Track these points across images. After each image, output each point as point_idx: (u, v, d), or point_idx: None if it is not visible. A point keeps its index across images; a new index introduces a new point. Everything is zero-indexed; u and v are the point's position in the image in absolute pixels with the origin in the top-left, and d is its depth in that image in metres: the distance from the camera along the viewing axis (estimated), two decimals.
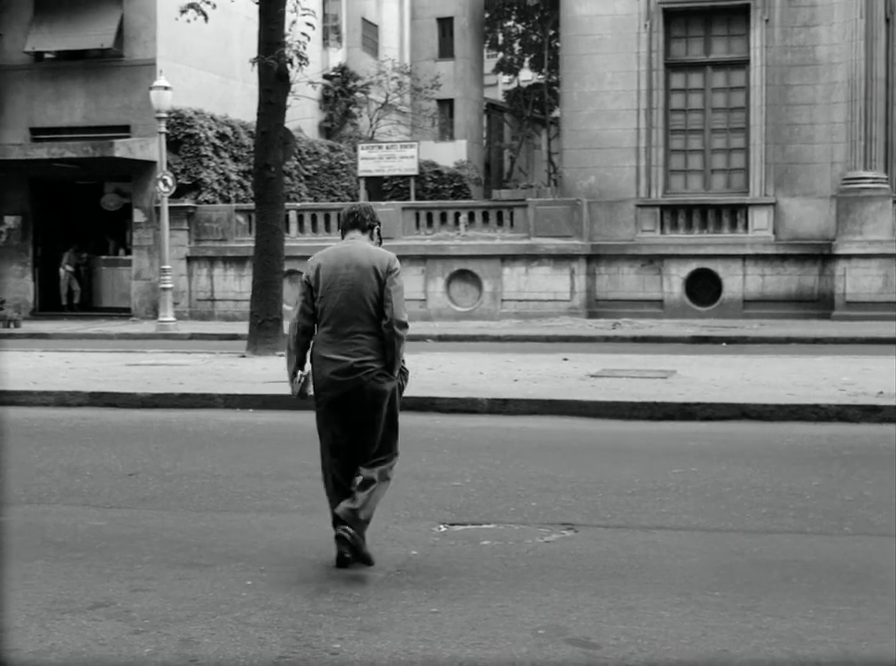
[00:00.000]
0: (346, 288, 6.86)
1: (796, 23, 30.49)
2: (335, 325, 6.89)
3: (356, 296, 6.85)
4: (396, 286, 6.88)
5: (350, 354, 6.84)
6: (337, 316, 6.89)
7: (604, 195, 31.51)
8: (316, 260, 7.02)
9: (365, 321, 6.87)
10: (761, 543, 7.12)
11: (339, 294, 6.87)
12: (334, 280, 6.89)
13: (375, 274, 6.87)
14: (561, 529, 7.52)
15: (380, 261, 6.91)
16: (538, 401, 12.38)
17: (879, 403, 11.71)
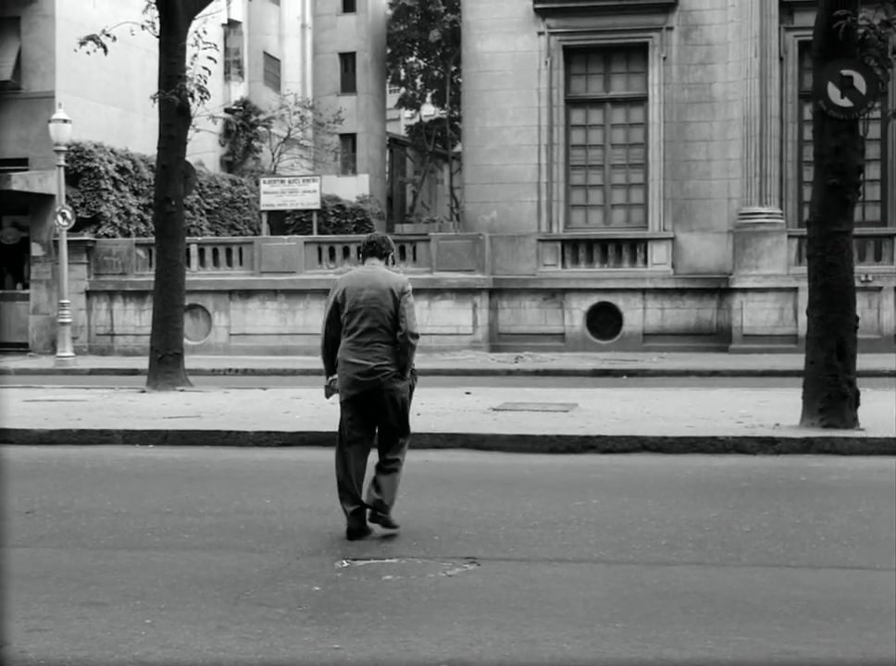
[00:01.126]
0: (368, 305, 8.37)
1: (693, 61, 31.05)
2: (358, 335, 8.40)
3: (376, 312, 8.37)
4: (409, 304, 8.43)
5: (370, 359, 8.37)
6: (360, 328, 8.39)
7: (506, 230, 31.73)
8: (342, 283, 8.55)
9: (382, 332, 8.39)
10: (661, 574, 7.18)
11: (361, 310, 8.38)
12: (357, 299, 8.38)
13: (391, 294, 8.39)
14: (464, 563, 7.52)
15: (395, 283, 8.48)
16: (440, 435, 12.40)
17: (776, 435, 11.90)
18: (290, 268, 31.56)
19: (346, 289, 8.44)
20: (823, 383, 12.38)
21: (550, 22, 31.66)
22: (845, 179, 12.28)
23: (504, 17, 31.88)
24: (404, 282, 8.52)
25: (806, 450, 11.70)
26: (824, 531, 8.21)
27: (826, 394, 12.35)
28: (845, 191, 12.31)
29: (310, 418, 14.09)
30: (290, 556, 7.70)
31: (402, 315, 8.36)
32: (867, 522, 8.49)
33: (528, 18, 31.75)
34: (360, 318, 8.36)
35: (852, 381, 12.44)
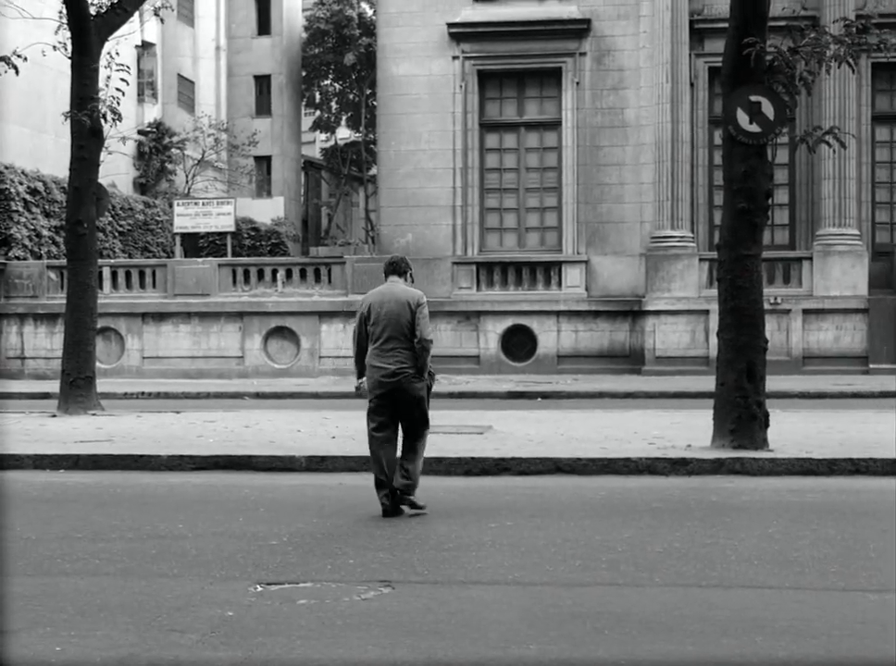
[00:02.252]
0: (388, 317, 9.93)
1: (606, 86, 31.39)
2: (381, 343, 9.94)
3: (396, 323, 9.91)
4: (423, 315, 9.92)
5: (392, 363, 9.88)
6: (383, 337, 9.93)
7: (422, 253, 31.78)
8: (368, 299, 10.12)
9: (402, 340, 9.90)
10: (574, 595, 7.21)
11: (383, 322, 9.94)
12: (380, 312, 9.97)
13: (408, 307, 9.92)
14: (378, 586, 7.50)
15: (412, 298, 9.99)
16: (355, 458, 12.37)
17: (687, 456, 12.03)
18: (203, 291, 31.37)
19: (371, 305, 10.03)
20: (733, 404, 12.54)
21: (464, 47, 31.85)
22: (754, 204, 12.48)
23: (420, 41, 32.01)
24: (419, 296, 10.03)
25: (717, 470, 11.84)
26: (735, 551, 8.31)
27: (736, 415, 12.52)
28: (754, 216, 12.51)
29: (223, 442, 14.00)
30: (203, 581, 7.63)
31: (417, 325, 9.88)
32: (777, 541, 8.61)
33: (442, 42, 31.91)
34: (382, 328, 9.91)
35: (761, 402, 12.61)
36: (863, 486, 11.15)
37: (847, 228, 30.07)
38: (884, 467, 11.68)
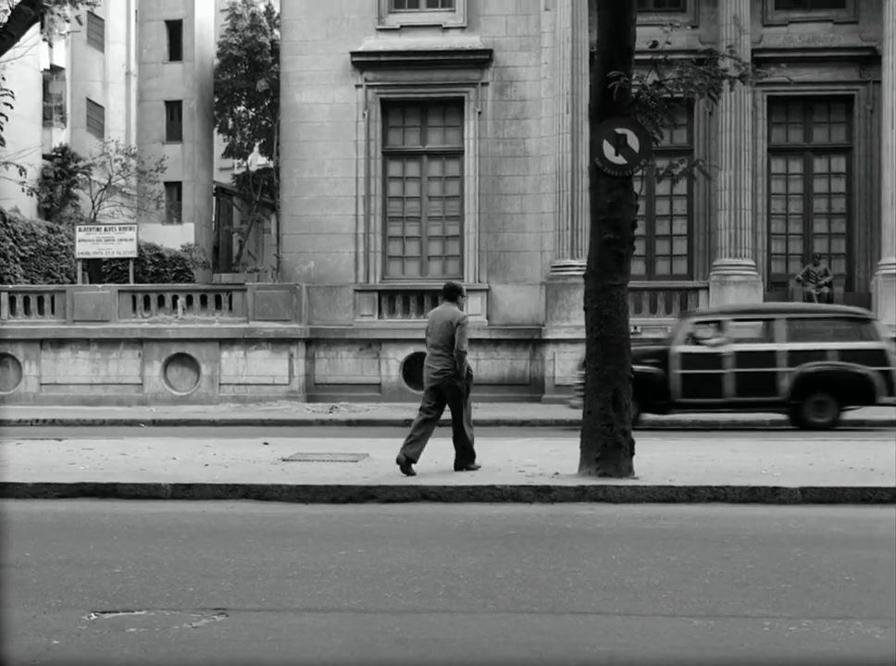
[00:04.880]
0: (437, 332, 13.27)
1: (508, 116, 31.66)
2: (432, 350, 13.32)
3: (442, 336, 13.21)
4: (461, 332, 13.12)
5: (437, 366, 13.30)
6: (433, 345, 13.31)
7: (324, 280, 31.81)
8: (430, 316, 13.62)
9: (445, 349, 13.21)
10: (405, 622, 7.26)
11: (434, 335, 13.30)
12: (433, 328, 13.36)
13: (450, 324, 13.18)
14: (212, 614, 7.50)
15: (454, 317, 13.21)
16: (222, 486, 12.35)
17: (551, 484, 12.14)
18: (103, 317, 31.14)
19: (429, 322, 13.48)
20: (599, 433, 12.68)
21: (367, 75, 32.00)
22: (620, 234, 12.66)
23: (323, 69, 32.11)
24: (461, 316, 13.23)
25: (580, 498, 11.96)
26: (574, 577, 8.40)
27: (601, 443, 12.65)
28: (620, 246, 12.69)
29: (94, 469, 13.89)
30: (36, 610, 7.58)
31: (456, 338, 13.05)
32: (618, 568, 8.71)
33: (346, 70, 32.04)
34: (433, 340, 13.27)
35: (626, 431, 12.76)
36: (718, 513, 11.32)
37: (742, 259, 30.53)
38: (741, 495, 11.86)
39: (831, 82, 31.85)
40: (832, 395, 22.51)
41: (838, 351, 22.59)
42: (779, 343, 22.71)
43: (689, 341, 23.03)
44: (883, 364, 22.49)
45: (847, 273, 32.02)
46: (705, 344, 22.78)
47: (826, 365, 22.50)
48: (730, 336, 22.90)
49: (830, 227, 32.28)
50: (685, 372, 22.68)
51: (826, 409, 22.45)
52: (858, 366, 22.19)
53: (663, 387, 22.68)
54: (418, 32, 32.06)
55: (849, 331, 23.10)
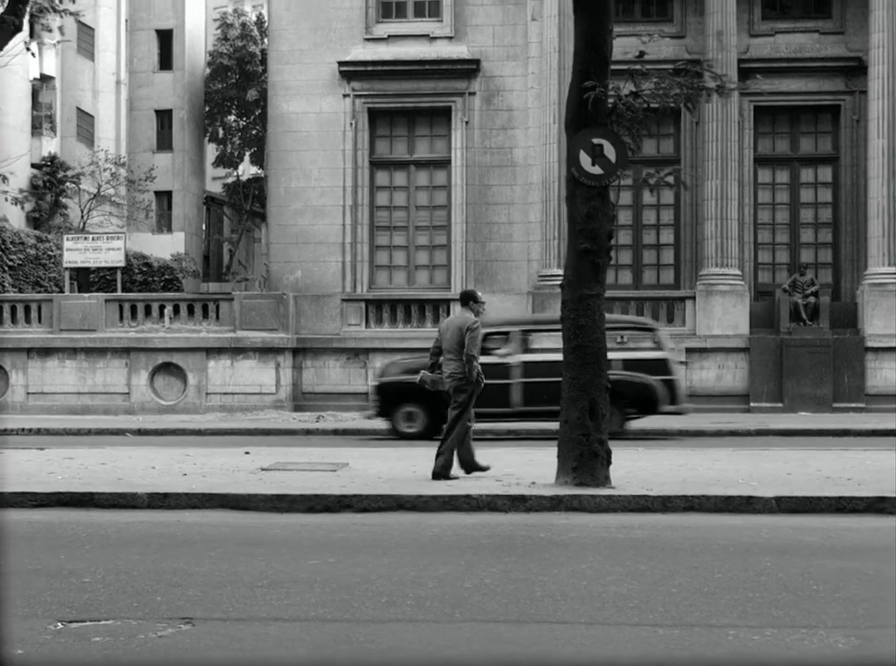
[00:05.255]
0: (450, 336, 13.81)
1: (495, 126, 31.72)
2: (446, 354, 13.84)
3: (453, 341, 13.76)
4: (470, 337, 13.58)
5: (448, 368, 13.82)
6: (445, 350, 13.85)
7: (311, 289, 31.83)
8: (442, 323, 14.39)
9: (456, 353, 13.75)
10: (372, 632, 7.26)
11: (446, 339, 13.83)
12: (446, 332, 13.91)
13: (461, 330, 13.70)
14: (178, 623, 7.50)
15: (464, 323, 13.76)
16: (198, 495, 12.35)
17: (527, 493, 12.15)
18: (90, 326, 31.13)
19: (441, 327, 14.14)
20: (575, 442, 12.69)
21: (355, 85, 32.05)
22: (596, 244, 12.68)
23: (310, 78, 32.16)
24: (471, 322, 13.74)
25: (555, 507, 11.97)
26: (542, 587, 8.41)
27: (578, 453, 12.66)
28: (596, 256, 12.71)
29: (72, 479, 13.89)
30: (2, 619, 7.57)
31: (465, 344, 13.59)
32: (587, 578, 8.72)
33: (333, 80, 32.09)
34: (446, 344, 13.83)
35: (603, 440, 12.77)
36: (693, 522, 11.34)
37: (729, 269, 30.59)
38: (716, 504, 11.88)
39: (817, 92, 31.96)
40: (615, 404, 22.72)
41: (622, 360, 22.89)
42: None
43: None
44: (666, 374, 23.00)
45: (833, 283, 32.10)
46: (494, 354, 22.95)
47: (611, 375, 22.69)
48: (519, 346, 23.25)
49: (817, 236, 32.37)
50: None
51: (610, 417, 22.58)
52: (641, 375, 22.52)
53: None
54: (406, 42, 32.13)
55: (634, 340, 23.65)
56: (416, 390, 22.76)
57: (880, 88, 30.34)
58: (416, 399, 22.69)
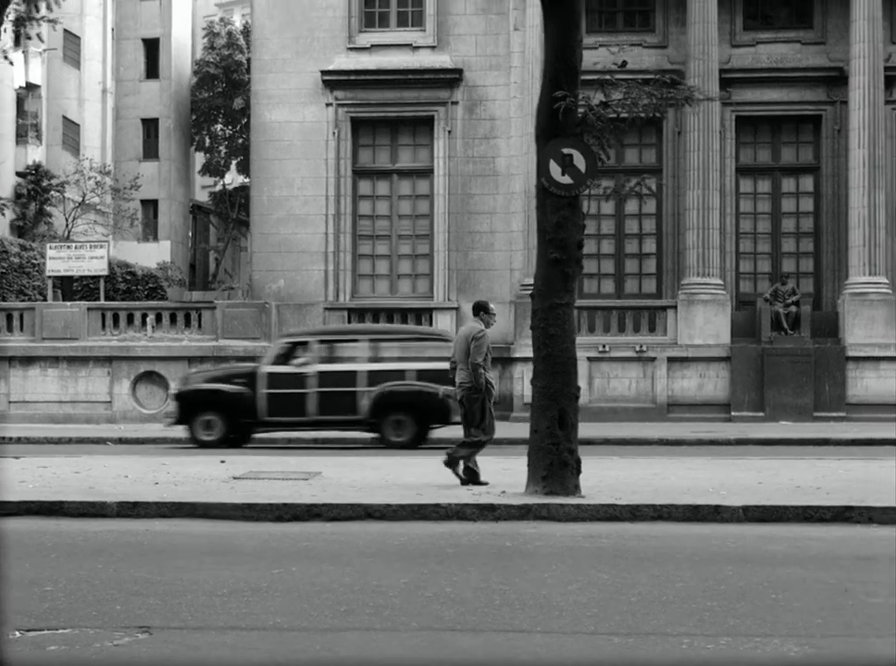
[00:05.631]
0: (459, 346, 14.28)
1: (477, 135, 31.79)
2: (458, 364, 14.21)
3: (461, 350, 14.19)
4: (475, 346, 14.00)
5: (458, 378, 14.20)
6: (456, 360, 14.24)
7: (293, 298, 31.85)
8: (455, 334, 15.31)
9: (465, 362, 14.07)
10: (326, 640, 7.27)
11: (457, 350, 14.32)
12: (457, 343, 14.41)
13: (467, 339, 14.13)
14: (136, 632, 7.50)
15: (470, 333, 14.20)
16: (168, 504, 12.35)
17: (496, 502, 12.18)
18: (72, 335, 31.13)
19: (454, 339, 15.07)
20: (545, 451, 12.72)
21: (338, 94, 32.11)
22: (566, 254, 12.71)
23: (293, 87, 32.21)
24: (476, 331, 14.19)
25: (524, 516, 11.99)
26: (502, 596, 8.42)
27: (548, 462, 12.69)
28: (566, 266, 12.74)
29: (43, 487, 13.88)
30: None
31: (471, 352, 13.96)
32: (547, 586, 8.74)
33: (316, 89, 32.14)
34: (456, 355, 14.26)
35: (573, 449, 12.80)
36: (660, 531, 11.36)
37: (710, 278, 30.67)
38: (684, 513, 11.91)
39: (799, 102, 32.07)
40: (409, 414, 23.11)
41: (416, 371, 23.28)
42: (361, 364, 23.55)
43: (278, 362, 23.54)
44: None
45: (815, 292, 32.19)
46: (292, 364, 23.35)
47: (402, 385, 23.26)
48: (317, 356, 23.50)
49: (798, 246, 32.47)
50: (271, 391, 23.31)
51: (404, 428, 23.06)
52: (434, 386, 22.44)
53: (250, 406, 23.26)
54: (389, 51, 32.21)
55: (429, 351, 23.76)
56: (215, 399, 23.39)
57: (861, 98, 30.46)
58: (214, 407, 23.31)
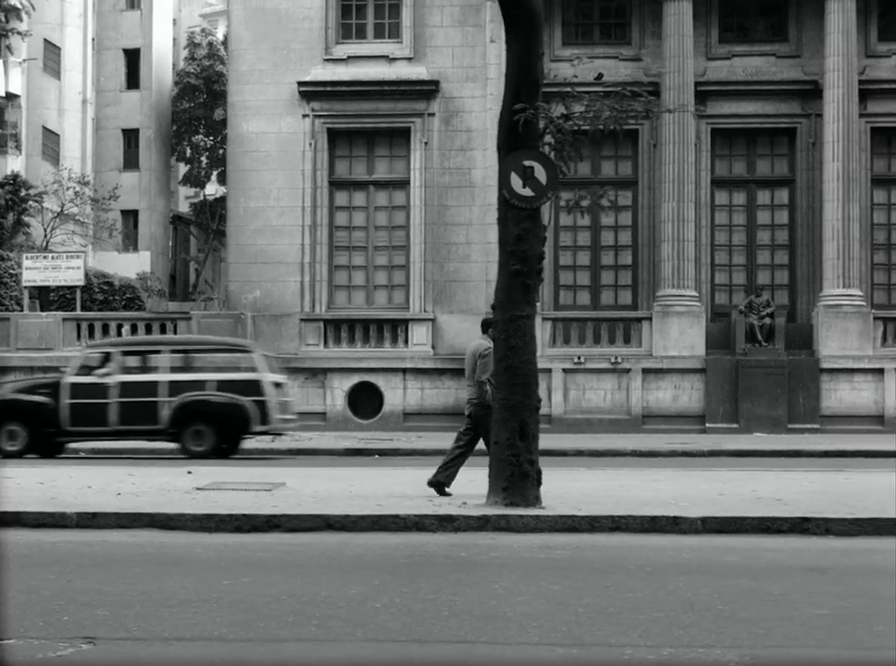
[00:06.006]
0: (467, 363, 14.52)
1: (454, 147, 31.86)
2: (468, 380, 14.55)
3: (470, 367, 14.43)
4: (482, 362, 14.04)
5: (467, 394, 14.47)
6: (468, 375, 14.51)
7: (270, 309, 31.87)
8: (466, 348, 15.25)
9: (472, 379, 14.28)
10: (270, 651, 7.27)
11: (466, 366, 14.59)
12: (466, 360, 14.67)
13: (475, 356, 14.30)
14: (80, 643, 7.48)
15: (478, 349, 14.37)
16: (126, 515, 12.34)
17: (455, 513, 12.19)
18: (47, 345, 31.09)
19: (466, 354, 14.79)
20: (506, 462, 12.73)
21: (314, 105, 32.16)
22: (527, 266, 12.74)
23: (270, 98, 32.25)
24: (483, 348, 14.17)
25: (483, 527, 12.00)
26: (451, 607, 8.43)
27: (508, 473, 12.70)
28: (527, 278, 12.77)
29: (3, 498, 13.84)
30: None
31: (477, 368, 14.14)
32: (497, 597, 8.75)
33: (293, 100, 32.19)
34: (466, 371, 14.60)
35: (533, 461, 12.81)
36: (616, 542, 11.38)
37: (685, 290, 30.77)
38: (643, 524, 11.94)
39: (774, 115, 32.23)
40: (209, 424, 23.26)
41: (217, 381, 23.51)
42: (162, 374, 23.71)
43: (82, 372, 23.72)
44: (258, 394, 23.49)
45: (789, 304, 32.32)
46: (94, 375, 23.48)
47: (202, 396, 23.40)
48: (119, 367, 23.67)
49: (773, 258, 32.60)
50: (74, 402, 23.39)
51: (204, 437, 23.16)
52: (235, 396, 23.07)
53: (53, 416, 23.34)
54: (365, 63, 32.28)
55: (230, 362, 24.22)
56: (18, 409, 23.50)
57: (836, 111, 30.61)
58: (17, 418, 23.34)
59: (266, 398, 23.57)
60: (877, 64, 32.09)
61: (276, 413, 23.78)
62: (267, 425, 23.74)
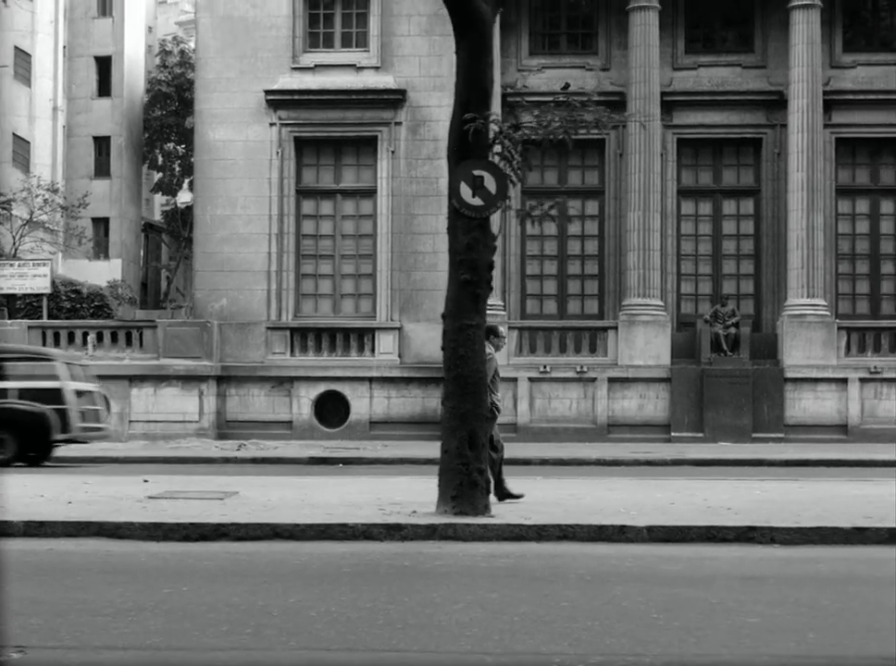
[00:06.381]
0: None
1: (421, 156, 31.90)
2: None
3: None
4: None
5: None
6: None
7: (236, 317, 31.82)
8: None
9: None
10: (202, 659, 7.27)
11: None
12: None
13: None
14: (11, 651, 7.46)
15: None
16: (74, 523, 12.30)
17: (403, 522, 12.20)
18: None
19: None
20: (455, 471, 12.76)
21: (281, 113, 32.16)
22: (476, 275, 12.80)
23: (237, 107, 32.23)
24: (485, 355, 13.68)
25: (430, 536, 12.01)
26: (386, 615, 8.43)
27: (458, 482, 12.73)
28: (476, 287, 12.82)
29: None
30: None
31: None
32: (434, 606, 8.76)
33: (260, 109, 32.19)
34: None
35: (482, 469, 12.85)
36: (562, 551, 11.40)
37: (651, 299, 30.86)
38: (590, 533, 11.96)
39: (740, 125, 32.39)
40: (10, 432, 23.18)
41: (18, 389, 23.47)
42: None
43: None
44: (59, 403, 23.49)
45: (755, 313, 32.46)
46: None
47: (2, 404, 23.34)
48: None
49: (739, 268, 32.73)
50: None
51: (5, 446, 23.06)
52: (35, 405, 23.03)
53: None
54: (333, 72, 32.30)
55: (32, 371, 24.00)
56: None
57: (800, 122, 30.78)
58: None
59: (67, 406, 23.55)
60: (842, 75, 32.29)
61: (77, 421, 23.72)
62: (68, 433, 23.68)
